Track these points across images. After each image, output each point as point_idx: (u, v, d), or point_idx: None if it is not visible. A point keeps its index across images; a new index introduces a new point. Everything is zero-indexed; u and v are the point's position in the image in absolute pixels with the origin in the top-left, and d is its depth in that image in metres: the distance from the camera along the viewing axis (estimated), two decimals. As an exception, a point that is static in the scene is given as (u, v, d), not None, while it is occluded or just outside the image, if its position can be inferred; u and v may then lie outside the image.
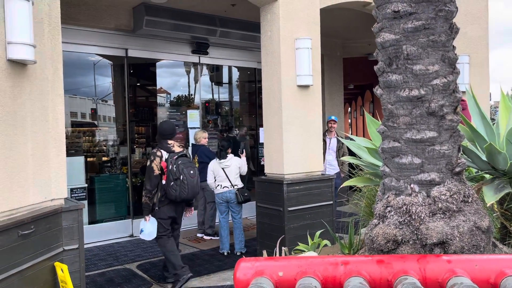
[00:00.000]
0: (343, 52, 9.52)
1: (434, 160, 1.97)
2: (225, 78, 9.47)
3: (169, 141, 4.55)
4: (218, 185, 5.74)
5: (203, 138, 6.70)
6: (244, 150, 6.22)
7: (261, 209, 5.36)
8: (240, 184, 5.74)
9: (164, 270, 4.73)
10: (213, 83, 9.14)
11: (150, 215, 4.47)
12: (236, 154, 6.09)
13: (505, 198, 2.54)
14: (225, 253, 5.75)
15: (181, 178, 4.38)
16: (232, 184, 5.65)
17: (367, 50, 9.80)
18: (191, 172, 4.43)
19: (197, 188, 4.44)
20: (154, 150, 4.52)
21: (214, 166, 5.79)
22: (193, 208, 4.95)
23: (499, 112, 2.53)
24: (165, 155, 4.46)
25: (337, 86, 9.41)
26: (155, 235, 4.49)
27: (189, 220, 7.36)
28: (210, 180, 5.82)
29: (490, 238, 1.93)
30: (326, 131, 6.75)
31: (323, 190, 5.36)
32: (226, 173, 5.67)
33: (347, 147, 6.53)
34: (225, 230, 5.76)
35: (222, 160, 5.67)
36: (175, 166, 4.40)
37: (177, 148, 4.54)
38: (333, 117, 6.82)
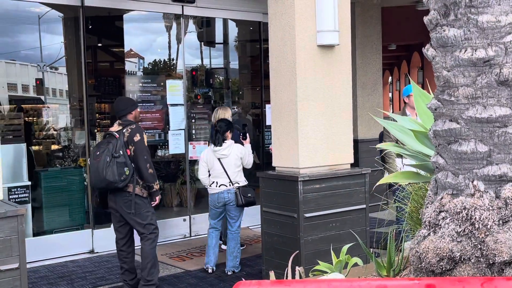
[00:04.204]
0: None
1: (506, 148, 1.96)
2: (219, 37, 9.43)
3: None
4: (213, 182, 5.79)
5: (228, 117, 6.82)
6: (247, 134, 6.26)
7: (268, 216, 5.38)
8: (242, 181, 5.83)
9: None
10: (202, 44, 9.12)
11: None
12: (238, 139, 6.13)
13: None
14: (210, 270, 5.95)
15: (88, 161, 5.06)
16: (231, 181, 5.71)
17: (415, -4, 9.71)
18: (97, 153, 4.90)
19: (103, 174, 4.80)
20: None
21: (207, 155, 5.87)
22: (157, 197, 5.12)
23: None
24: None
25: (374, 47, 9.35)
26: None
27: (171, 231, 7.42)
28: (202, 174, 5.92)
29: None
30: (404, 109, 6.49)
31: (353, 189, 5.36)
32: (224, 165, 5.72)
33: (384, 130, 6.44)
34: (212, 239, 5.94)
35: (218, 148, 5.73)
36: None
37: (113, 128, 5.15)
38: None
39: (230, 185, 5.77)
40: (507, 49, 1.93)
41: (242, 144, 6.04)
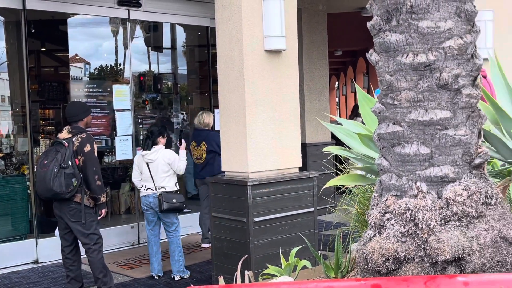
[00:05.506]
0: (327, 6, 9.58)
1: (447, 149, 2.01)
2: (166, 42, 9.33)
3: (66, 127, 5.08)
4: (143, 185, 5.86)
5: (211, 121, 7.06)
6: (183, 140, 6.28)
7: (217, 221, 5.35)
8: (170, 187, 5.84)
9: None
10: (149, 49, 9.00)
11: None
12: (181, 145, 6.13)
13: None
14: (156, 276, 5.94)
15: (35, 168, 4.95)
16: (155, 186, 5.70)
17: (359, 2, 9.90)
18: (44, 162, 4.77)
19: (49, 184, 4.67)
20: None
21: (138, 159, 6.05)
22: (104, 210, 5.07)
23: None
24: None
25: (320, 52, 9.47)
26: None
27: (119, 238, 7.28)
28: (134, 177, 6.04)
29: (520, 251, 1.98)
30: None
31: (301, 193, 5.39)
32: (150, 170, 5.76)
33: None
34: (152, 247, 5.97)
35: (146, 152, 5.81)
36: None
37: (62, 134, 4.99)
38: None
39: (155, 190, 5.79)
40: (447, 54, 1.98)
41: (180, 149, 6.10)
